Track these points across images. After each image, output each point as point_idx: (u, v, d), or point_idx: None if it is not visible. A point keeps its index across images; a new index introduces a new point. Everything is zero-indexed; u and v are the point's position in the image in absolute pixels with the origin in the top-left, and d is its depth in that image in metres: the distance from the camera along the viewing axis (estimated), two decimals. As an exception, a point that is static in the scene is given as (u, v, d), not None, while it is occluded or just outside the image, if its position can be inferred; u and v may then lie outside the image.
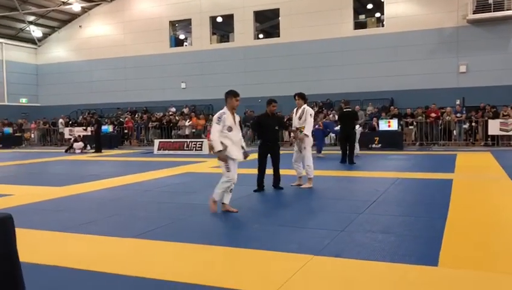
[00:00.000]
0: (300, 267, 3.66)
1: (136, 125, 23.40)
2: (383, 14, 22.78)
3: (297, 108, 8.26)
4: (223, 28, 26.96)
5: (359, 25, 23.13)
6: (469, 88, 20.19)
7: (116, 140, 21.57)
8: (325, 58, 22.99)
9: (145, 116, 23.97)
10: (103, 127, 20.45)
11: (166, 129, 21.78)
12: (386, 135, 16.45)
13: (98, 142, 18.55)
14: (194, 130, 21.10)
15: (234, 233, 4.91)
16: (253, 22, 24.95)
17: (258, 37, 25.80)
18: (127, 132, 23.34)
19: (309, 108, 8.29)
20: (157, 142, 18.32)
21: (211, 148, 16.49)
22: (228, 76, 24.90)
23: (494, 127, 16.47)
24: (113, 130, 22.28)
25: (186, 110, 24.07)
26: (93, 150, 18.58)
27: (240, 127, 6.25)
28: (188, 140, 18.16)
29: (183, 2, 26.14)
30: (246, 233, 5.01)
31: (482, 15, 20.25)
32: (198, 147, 16.93)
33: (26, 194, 7.88)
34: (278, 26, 24.73)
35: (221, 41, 26.37)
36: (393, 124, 16.54)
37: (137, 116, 24.78)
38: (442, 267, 3.64)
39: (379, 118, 17.58)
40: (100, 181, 9.34)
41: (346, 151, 11.72)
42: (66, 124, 24.62)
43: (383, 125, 16.73)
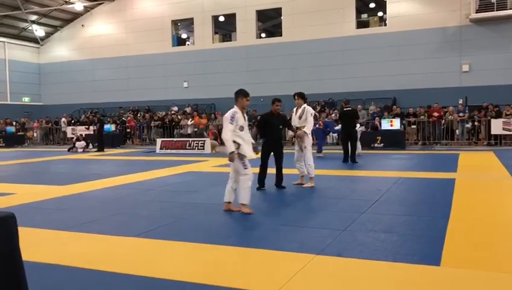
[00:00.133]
0: (302, 267, 3.65)
1: (138, 125, 23.43)
2: (385, 13, 22.73)
3: (297, 107, 8.27)
4: (225, 27, 26.96)
5: (361, 24, 23.09)
6: (472, 87, 20.13)
7: (118, 139, 21.60)
8: (327, 58, 22.96)
9: (147, 115, 23.99)
10: (105, 126, 20.49)
11: (169, 128, 21.79)
12: (388, 134, 16.42)
13: (100, 141, 18.57)
14: (196, 129, 21.11)
15: (236, 232, 4.91)
16: (256, 21, 24.93)
17: (260, 36, 25.79)
18: (129, 131, 23.38)
19: (309, 107, 8.30)
20: (159, 141, 18.34)
21: (213, 147, 16.62)
22: (230, 75, 24.90)
23: (497, 127, 16.43)
24: (116, 129, 22.31)
25: (188, 109, 24.09)
26: (95, 149, 18.61)
27: None
28: (190, 139, 18.17)
29: (186, 1, 26.14)
30: (247, 232, 5.01)
31: (485, 14, 20.19)
32: (201, 146, 16.94)
33: (28, 193, 7.90)
34: (280, 26, 24.70)
35: (224, 40, 26.37)
36: (396, 124, 16.51)
37: (139, 115, 24.81)
38: (445, 266, 3.64)
39: (381, 118, 17.56)
40: (102, 180, 9.36)
41: (348, 151, 11.72)
42: (69, 123, 24.66)
43: (385, 124, 16.70)
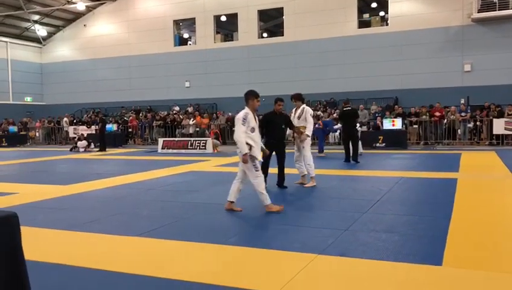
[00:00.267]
0: (304, 267, 3.66)
1: (140, 124, 23.47)
2: (387, 13, 22.71)
3: (296, 108, 8.30)
4: (227, 27, 26.97)
5: (363, 23, 23.07)
6: (474, 87, 20.11)
7: (120, 139, 21.63)
8: (329, 57, 22.95)
9: (149, 115, 24.02)
10: (107, 126, 20.51)
11: (170, 128, 21.82)
12: (390, 134, 16.41)
13: (102, 140, 18.60)
14: (198, 129, 21.13)
15: (238, 232, 4.91)
16: (257, 21, 24.94)
17: (262, 36, 25.79)
18: (131, 130, 23.41)
19: (308, 108, 8.31)
20: (161, 141, 18.35)
21: (215, 146, 16.63)
22: (232, 75, 24.93)
23: (499, 126, 16.40)
24: (118, 128, 22.34)
25: (190, 109, 24.11)
26: (97, 149, 18.64)
27: None
28: (192, 139, 18.20)
29: (188, 1, 26.16)
30: (249, 232, 5.01)
31: (487, 14, 20.15)
32: (202, 145, 16.95)
33: (30, 192, 7.91)
34: (282, 25, 24.70)
35: (225, 40, 26.38)
36: (398, 123, 16.50)
37: (141, 115, 24.84)
38: (447, 266, 3.63)
39: (383, 117, 17.55)
40: (104, 180, 9.37)
41: (350, 151, 11.72)
42: (71, 123, 24.70)
43: (387, 124, 16.69)
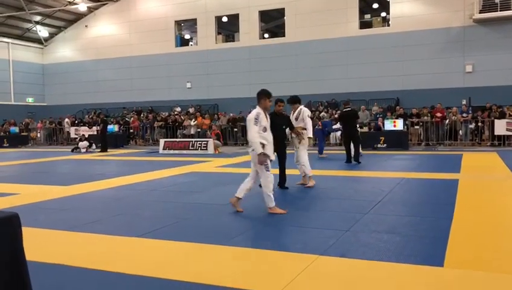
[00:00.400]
0: (306, 267, 3.65)
1: (141, 125, 23.49)
2: (388, 13, 22.72)
3: (293, 110, 8.33)
4: (228, 28, 27.00)
5: (365, 24, 23.08)
6: (475, 88, 20.10)
7: (121, 139, 21.66)
8: (331, 58, 22.96)
9: (150, 115, 24.04)
10: (109, 127, 20.53)
11: (172, 129, 21.83)
12: (392, 134, 16.39)
13: (103, 141, 18.62)
14: (199, 129, 21.14)
15: (239, 233, 4.91)
16: (259, 21, 24.96)
17: (264, 37, 25.82)
18: (132, 131, 23.43)
19: (306, 109, 8.30)
20: (162, 141, 18.36)
21: (216, 147, 16.63)
22: (233, 76, 24.95)
23: (501, 127, 16.37)
24: (119, 129, 22.36)
25: (191, 110, 24.13)
26: (98, 150, 18.65)
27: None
28: (193, 140, 18.20)
29: (189, 2, 26.19)
30: (251, 233, 5.01)
31: (488, 14, 20.15)
32: (204, 146, 16.95)
33: (32, 193, 7.92)
34: (283, 26, 24.73)
35: (227, 41, 26.41)
36: (399, 124, 16.48)
37: (142, 115, 24.87)
38: (448, 267, 3.63)
39: (384, 118, 17.53)
40: (105, 180, 9.38)
41: (351, 151, 11.73)
42: (72, 124, 24.73)
43: (389, 125, 16.67)
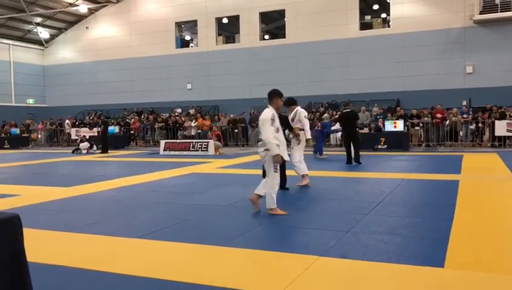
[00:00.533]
0: (306, 268, 3.65)
1: (142, 126, 23.50)
2: (389, 14, 22.73)
3: (290, 112, 8.38)
4: (228, 29, 27.02)
5: (365, 25, 23.09)
6: (475, 89, 20.09)
7: (122, 141, 21.67)
8: (331, 59, 22.97)
9: (151, 117, 24.05)
10: (109, 128, 20.54)
11: (172, 130, 21.84)
12: (392, 135, 16.39)
13: (104, 142, 18.64)
14: (199, 130, 21.15)
15: (240, 234, 4.91)
16: (259, 23, 24.98)
17: (264, 38, 25.83)
18: (133, 132, 23.44)
19: (302, 110, 8.31)
20: (163, 142, 18.37)
21: (217, 148, 16.63)
22: (234, 77, 24.97)
23: (501, 128, 16.37)
24: (119, 130, 22.37)
25: (192, 111, 24.14)
26: (99, 151, 18.67)
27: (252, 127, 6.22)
28: (194, 141, 18.20)
29: (189, 4, 26.22)
30: (251, 234, 5.01)
31: (488, 15, 20.16)
32: (204, 147, 16.96)
33: (33, 194, 7.93)
34: (283, 27, 24.74)
35: (227, 42, 26.43)
36: (399, 125, 16.48)
37: (143, 117, 24.88)
38: (449, 268, 3.63)
39: (385, 119, 17.53)
40: (106, 182, 9.38)
41: (351, 152, 11.74)
42: (73, 125, 24.74)
43: (389, 126, 16.67)
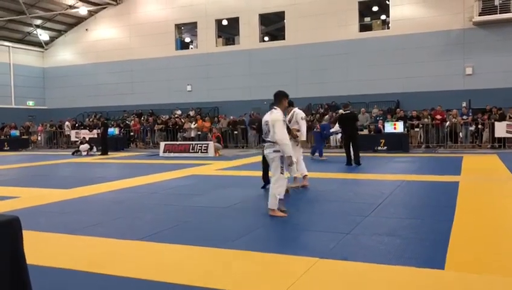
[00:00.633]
0: (306, 271, 3.65)
1: (142, 128, 23.50)
2: (388, 16, 22.75)
3: (287, 113, 8.31)
4: (228, 31, 27.03)
5: (364, 27, 23.11)
6: (475, 90, 20.10)
7: (122, 142, 21.66)
8: (331, 61, 22.98)
9: (151, 118, 24.05)
10: (109, 130, 20.54)
11: (172, 132, 21.84)
12: (392, 137, 16.40)
13: (104, 144, 18.64)
14: (199, 132, 21.15)
15: (240, 236, 4.91)
16: (259, 24, 24.99)
17: (264, 40, 25.84)
18: (133, 134, 23.44)
19: (300, 111, 8.19)
20: (162, 144, 18.36)
21: (216, 150, 16.63)
22: (234, 78, 24.98)
23: (501, 130, 16.37)
24: (119, 132, 22.36)
25: (192, 113, 24.14)
26: (99, 153, 18.67)
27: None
28: (194, 142, 18.19)
29: (189, 6, 26.24)
30: (251, 236, 5.00)
31: (488, 17, 20.17)
32: (204, 149, 16.96)
33: (32, 196, 7.92)
34: (283, 29, 24.75)
35: (227, 44, 26.45)
36: (399, 127, 16.49)
37: (143, 118, 24.88)
38: (449, 270, 3.63)
39: (385, 121, 17.54)
40: (106, 183, 9.38)
41: (351, 154, 11.74)
42: (73, 127, 24.74)
43: (389, 127, 16.68)
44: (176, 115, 23.96)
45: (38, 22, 29.32)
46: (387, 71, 21.84)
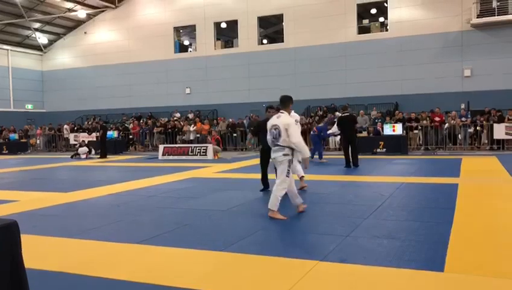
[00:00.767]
0: (306, 273, 3.64)
1: (140, 131, 23.48)
2: (386, 18, 22.80)
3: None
4: (227, 34, 27.08)
5: (363, 29, 23.15)
6: (474, 92, 20.14)
7: (121, 145, 21.64)
8: (329, 63, 23.01)
9: (149, 121, 24.04)
10: (108, 133, 20.52)
11: (171, 134, 21.83)
12: (391, 139, 16.39)
13: (103, 147, 18.62)
14: (198, 135, 21.14)
15: (239, 239, 4.90)
16: (257, 27, 25.04)
17: (262, 43, 25.88)
18: (132, 137, 23.41)
19: (295, 114, 8.20)
20: (161, 147, 18.35)
21: (215, 153, 16.62)
22: (232, 81, 25.00)
23: (500, 131, 16.40)
24: (118, 135, 22.34)
25: (190, 116, 24.14)
26: (98, 156, 18.64)
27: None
28: (193, 145, 18.19)
29: (188, 8, 26.28)
30: (250, 239, 5.00)
31: (486, 19, 20.23)
32: (203, 152, 16.95)
33: (31, 200, 7.91)
34: (281, 32, 24.80)
35: (226, 46, 26.47)
36: (398, 129, 16.49)
37: (142, 121, 24.87)
38: (448, 272, 3.62)
39: (383, 123, 17.54)
40: (105, 187, 9.37)
41: (350, 155, 11.74)
42: (72, 130, 24.71)
43: (388, 129, 16.69)
44: (175, 118, 23.96)
45: (37, 25, 29.34)
46: (385, 73, 21.88)
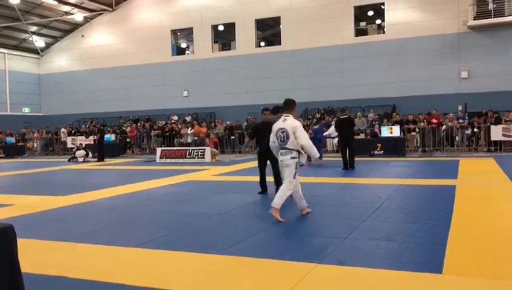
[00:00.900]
0: (304, 276, 3.63)
1: (138, 134, 23.44)
2: (383, 21, 22.87)
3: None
4: (224, 37, 27.10)
5: (360, 32, 23.21)
6: (471, 94, 20.19)
7: (118, 149, 21.59)
8: (327, 66, 23.05)
9: (147, 124, 24.01)
10: (106, 136, 20.48)
11: (169, 137, 21.79)
12: (388, 141, 16.40)
13: (100, 150, 18.57)
14: (196, 138, 21.11)
15: (236, 242, 4.88)
16: (255, 30, 25.07)
17: (260, 45, 25.91)
18: (129, 140, 23.37)
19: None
20: (159, 150, 18.32)
21: (213, 155, 16.60)
22: (230, 84, 25.01)
23: (497, 133, 16.42)
24: (115, 138, 22.30)
25: (188, 118, 24.11)
26: (95, 159, 18.60)
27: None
28: (190, 148, 18.16)
29: (185, 11, 26.30)
30: (248, 242, 4.98)
31: (482, 21, 20.31)
32: (201, 155, 16.93)
33: (27, 204, 7.87)
34: (279, 34, 24.85)
35: (223, 49, 26.50)
36: (395, 131, 16.51)
37: (139, 124, 24.83)
38: (447, 274, 3.62)
39: (381, 125, 17.56)
40: (102, 190, 9.33)
41: (347, 157, 11.75)
42: (69, 133, 24.65)
43: (385, 131, 16.70)
44: (172, 121, 23.94)
45: (34, 28, 29.31)
46: (383, 75, 21.92)
